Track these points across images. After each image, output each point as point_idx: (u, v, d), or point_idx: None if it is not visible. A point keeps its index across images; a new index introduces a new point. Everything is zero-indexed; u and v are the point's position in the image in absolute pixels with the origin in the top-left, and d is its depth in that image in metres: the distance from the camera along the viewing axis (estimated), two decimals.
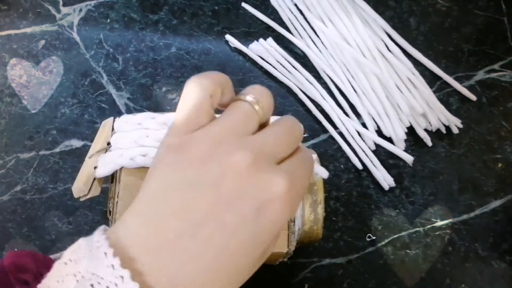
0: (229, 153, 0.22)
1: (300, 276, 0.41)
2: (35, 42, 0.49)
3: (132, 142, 0.32)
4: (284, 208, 0.22)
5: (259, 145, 0.22)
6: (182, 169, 0.22)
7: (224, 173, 0.21)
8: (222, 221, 0.21)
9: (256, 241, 0.21)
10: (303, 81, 0.47)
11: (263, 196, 0.21)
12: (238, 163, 0.21)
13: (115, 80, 0.48)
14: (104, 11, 0.51)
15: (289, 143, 0.24)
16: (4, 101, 0.47)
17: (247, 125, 0.23)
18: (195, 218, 0.20)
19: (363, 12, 0.49)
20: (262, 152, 0.22)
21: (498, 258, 0.42)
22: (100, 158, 0.33)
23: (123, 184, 0.31)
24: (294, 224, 0.32)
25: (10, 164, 0.44)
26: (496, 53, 0.49)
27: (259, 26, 0.50)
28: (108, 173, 0.32)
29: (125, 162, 0.31)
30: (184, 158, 0.22)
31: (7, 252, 0.41)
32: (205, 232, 0.20)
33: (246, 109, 0.23)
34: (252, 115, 0.23)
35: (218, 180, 0.21)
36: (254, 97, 0.24)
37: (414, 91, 0.46)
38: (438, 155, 0.45)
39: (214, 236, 0.20)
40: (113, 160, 0.32)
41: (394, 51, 0.48)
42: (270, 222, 0.21)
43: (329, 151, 0.45)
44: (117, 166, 0.32)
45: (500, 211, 0.44)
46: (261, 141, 0.23)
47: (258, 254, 0.22)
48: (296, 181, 0.22)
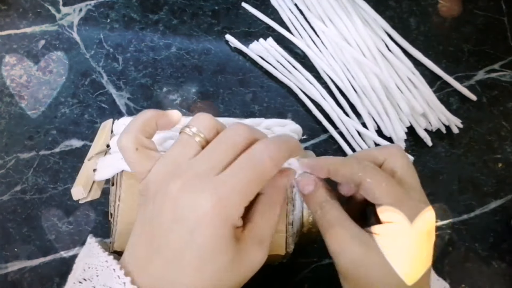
0: (166, 184, 0.25)
1: (300, 276, 0.41)
2: (35, 42, 0.49)
3: None
4: (215, 224, 0.24)
5: (191, 168, 0.25)
6: (144, 209, 0.26)
7: (164, 201, 0.25)
8: (170, 244, 0.24)
9: (201, 256, 0.24)
10: (303, 81, 0.47)
11: (190, 216, 0.24)
12: (171, 190, 0.25)
13: (115, 80, 0.48)
14: (104, 11, 0.51)
15: (225, 150, 0.25)
16: (4, 101, 0.47)
17: (186, 154, 0.26)
18: (155, 244, 0.25)
19: (363, 12, 0.49)
20: (194, 175, 0.25)
21: (498, 258, 0.42)
22: (99, 161, 0.33)
23: (124, 188, 0.31)
24: (292, 227, 0.32)
25: (10, 164, 0.44)
26: (496, 53, 0.49)
27: (259, 26, 0.50)
28: (108, 177, 0.32)
29: (125, 165, 0.31)
30: (144, 199, 0.27)
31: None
32: (165, 253, 0.25)
33: (185, 140, 0.27)
34: (190, 143, 0.26)
35: (162, 209, 0.25)
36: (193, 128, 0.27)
37: (414, 91, 0.46)
38: (438, 155, 0.45)
39: (169, 256, 0.24)
40: (113, 164, 0.31)
41: (394, 51, 0.48)
42: (206, 238, 0.24)
43: (329, 151, 0.45)
44: (117, 170, 0.31)
45: (500, 211, 0.44)
46: (195, 162, 0.25)
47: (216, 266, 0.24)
48: (234, 186, 0.24)
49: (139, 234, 0.26)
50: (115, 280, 0.24)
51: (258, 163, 0.25)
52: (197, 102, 0.47)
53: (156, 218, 0.25)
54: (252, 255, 0.26)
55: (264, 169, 0.25)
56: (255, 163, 0.25)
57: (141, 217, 0.27)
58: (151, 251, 0.25)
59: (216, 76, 0.48)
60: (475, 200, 0.44)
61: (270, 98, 0.47)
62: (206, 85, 0.48)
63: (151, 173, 0.27)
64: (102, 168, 0.32)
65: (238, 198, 0.24)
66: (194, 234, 0.24)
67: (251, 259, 0.25)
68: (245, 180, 0.24)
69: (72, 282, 0.26)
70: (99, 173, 0.32)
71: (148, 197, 0.26)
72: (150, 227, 0.25)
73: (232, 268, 0.25)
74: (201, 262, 0.24)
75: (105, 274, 0.25)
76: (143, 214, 0.26)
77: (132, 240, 0.27)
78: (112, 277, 0.25)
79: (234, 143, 0.26)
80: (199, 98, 0.47)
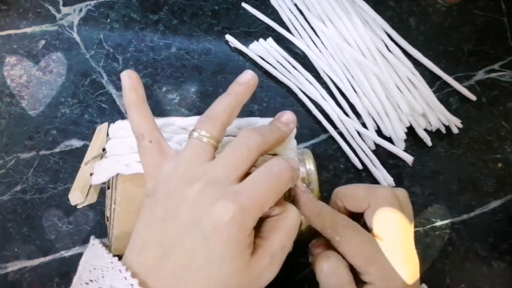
0: (183, 186, 0.25)
1: (300, 276, 0.41)
2: (35, 42, 0.49)
3: (127, 148, 0.31)
4: (232, 231, 0.24)
5: (210, 173, 0.25)
6: (152, 210, 0.26)
7: (180, 205, 0.25)
8: (183, 246, 0.25)
9: (212, 261, 0.24)
10: (303, 81, 0.47)
11: (208, 221, 0.24)
12: (188, 194, 0.25)
13: (115, 80, 0.48)
14: (104, 11, 0.51)
15: (241, 158, 0.26)
16: (4, 101, 0.47)
17: (199, 157, 0.26)
18: (165, 245, 0.25)
19: (363, 12, 0.49)
20: (211, 179, 0.25)
21: (498, 258, 0.42)
22: (96, 165, 0.32)
23: (119, 191, 0.31)
24: None
25: (10, 164, 0.44)
26: (496, 53, 0.49)
27: (259, 26, 0.50)
28: (104, 180, 0.32)
29: (121, 168, 0.31)
30: (152, 200, 0.27)
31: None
32: (174, 255, 0.25)
33: (196, 144, 0.27)
34: (202, 148, 0.27)
35: (177, 212, 0.25)
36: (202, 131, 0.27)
37: (414, 91, 0.46)
38: (438, 155, 0.45)
39: (179, 258, 0.25)
40: (109, 167, 0.31)
41: (394, 51, 0.48)
42: (220, 244, 0.24)
43: (329, 151, 0.45)
44: (113, 173, 0.31)
45: (500, 211, 0.44)
46: (211, 168, 0.26)
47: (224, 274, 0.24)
48: (253, 197, 0.25)
49: (146, 236, 0.26)
50: (122, 282, 0.24)
51: (277, 177, 0.26)
52: (197, 102, 0.47)
53: (170, 221, 0.25)
54: (261, 266, 0.26)
55: (282, 183, 0.26)
56: (274, 177, 0.26)
57: (147, 218, 0.26)
58: (161, 253, 0.25)
59: (216, 76, 0.48)
60: (475, 200, 0.44)
61: (269, 98, 0.47)
62: (206, 85, 0.48)
63: (161, 174, 0.27)
64: (99, 172, 0.32)
65: (256, 208, 0.25)
66: (210, 239, 0.24)
67: (259, 270, 0.26)
68: (264, 192, 0.25)
69: (79, 283, 0.26)
70: (95, 177, 0.32)
71: (157, 198, 0.26)
72: (161, 229, 0.25)
73: (241, 276, 0.25)
74: (211, 267, 0.24)
75: (111, 275, 0.25)
76: (150, 215, 0.26)
77: (137, 242, 0.26)
78: (118, 279, 0.25)
79: (249, 150, 0.26)
80: (199, 98, 0.47)
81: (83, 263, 0.28)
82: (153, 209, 0.26)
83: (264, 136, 0.27)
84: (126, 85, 0.29)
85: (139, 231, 0.27)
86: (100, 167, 0.32)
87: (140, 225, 0.27)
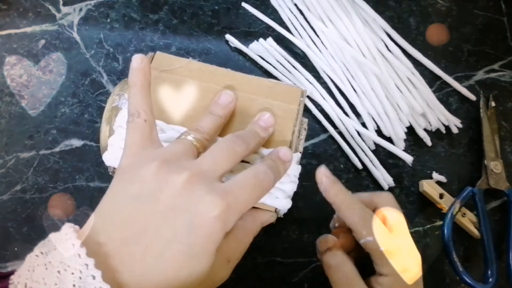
0: (168, 172, 0.25)
1: (300, 276, 0.41)
2: (35, 42, 0.49)
3: None
4: (215, 228, 0.24)
5: (197, 166, 0.25)
6: (128, 185, 0.25)
7: (162, 188, 0.24)
8: (158, 232, 0.23)
9: (189, 254, 0.23)
10: (303, 81, 0.47)
11: (195, 212, 0.23)
12: (175, 180, 0.24)
13: (115, 79, 0.48)
14: (104, 10, 0.51)
15: (227, 159, 0.26)
16: (4, 101, 0.47)
17: (187, 153, 0.27)
18: (136, 228, 0.24)
19: (363, 12, 0.49)
20: (200, 172, 0.25)
21: (498, 258, 0.42)
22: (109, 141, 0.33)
23: None
24: None
25: (10, 163, 0.44)
26: (496, 53, 0.49)
27: (259, 26, 0.50)
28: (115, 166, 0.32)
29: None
30: (129, 176, 0.25)
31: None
32: (145, 240, 0.23)
33: (184, 141, 0.28)
34: (190, 145, 0.27)
35: (156, 194, 0.24)
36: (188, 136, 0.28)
37: (414, 91, 0.46)
38: (438, 155, 0.45)
39: (152, 244, 0.23)
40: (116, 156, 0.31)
41: (394, 51, 0.48)
42: (202, 238, 0.23)
43: (329, 151, 0.45)
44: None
45: (500, 211, 0.44)
46: (199, 162, 0.26)
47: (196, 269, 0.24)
48: (239, 198, 0.25)
49: (112, 215, 0.24)
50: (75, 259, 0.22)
51: (261, 185, 0.26)
52: None
53: (146, 203, 0.24)
54: (217, 269, 0.26)
55: (264, 191, 0.27)
56: (259, 185, 0.26)
57: (116, 195, 0.25)
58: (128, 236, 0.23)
59: None
60: None
61: None
62: None
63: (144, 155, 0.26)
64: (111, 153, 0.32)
65: (239, 210, 0.25)
66: (192, 231, 0.23)
67: (215, 272, 0.26)
68: (249, 196, 0.26)
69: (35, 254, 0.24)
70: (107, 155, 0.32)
71: (133, 175, 0.25)
72: (133, 209, 0.24)
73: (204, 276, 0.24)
74: (187, 260, 0.23)
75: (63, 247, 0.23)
76: (120, 192, 0.25)
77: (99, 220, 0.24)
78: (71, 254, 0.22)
79: (234, 155, 0.27)
80: None
81: None
82: (126, 186, 0.25)
83: (247, 143, 0.28)
84: (135, 66, 0.29)
85: (104, 208, 0.25)
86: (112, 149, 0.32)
87: (106, 202, 0.25)
